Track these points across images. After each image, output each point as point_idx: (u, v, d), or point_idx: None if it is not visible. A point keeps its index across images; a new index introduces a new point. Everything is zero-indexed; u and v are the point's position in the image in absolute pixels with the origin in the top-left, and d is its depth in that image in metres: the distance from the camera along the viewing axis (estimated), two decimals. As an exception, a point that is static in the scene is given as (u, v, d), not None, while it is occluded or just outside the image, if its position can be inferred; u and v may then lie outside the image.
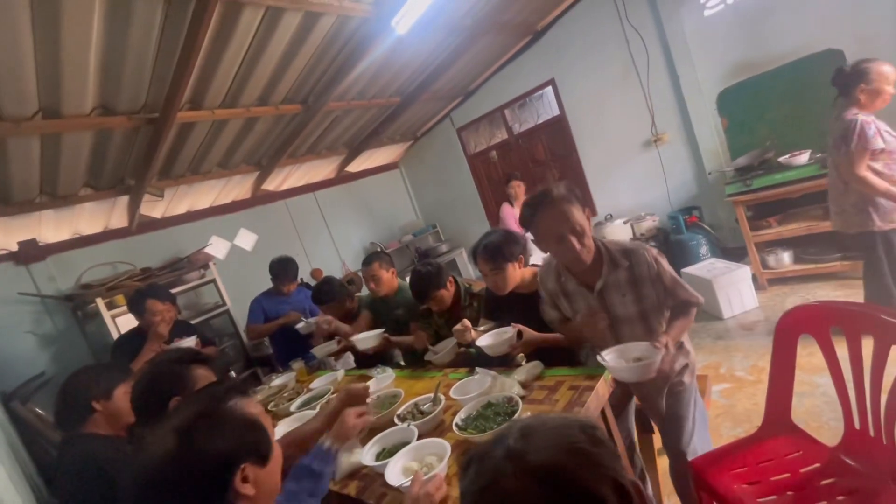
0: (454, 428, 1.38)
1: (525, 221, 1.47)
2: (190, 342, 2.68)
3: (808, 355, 1.86)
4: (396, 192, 6.53)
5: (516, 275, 1.91)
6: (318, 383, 2.34)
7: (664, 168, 4.32)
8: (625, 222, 4.40)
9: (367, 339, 2.41)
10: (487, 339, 1.88)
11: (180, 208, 4.33)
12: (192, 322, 3.69)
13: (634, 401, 1.85)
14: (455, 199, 6.11)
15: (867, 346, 1.23)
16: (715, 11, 3.76)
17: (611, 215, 4.57)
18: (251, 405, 0.90)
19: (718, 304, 3.33)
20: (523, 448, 0.55)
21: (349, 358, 3.10)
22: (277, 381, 2.64)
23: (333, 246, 5.53)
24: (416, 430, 1.44)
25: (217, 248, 4.49)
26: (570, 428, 0.58)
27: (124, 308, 3.31)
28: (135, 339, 2.49)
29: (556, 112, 4.88)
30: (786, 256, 3.48)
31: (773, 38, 3.53)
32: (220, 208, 4.66)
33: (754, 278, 3.48)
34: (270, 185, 5.00)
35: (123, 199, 3.69)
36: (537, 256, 2.29)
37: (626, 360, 1.36)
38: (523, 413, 1.34)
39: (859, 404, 1.25)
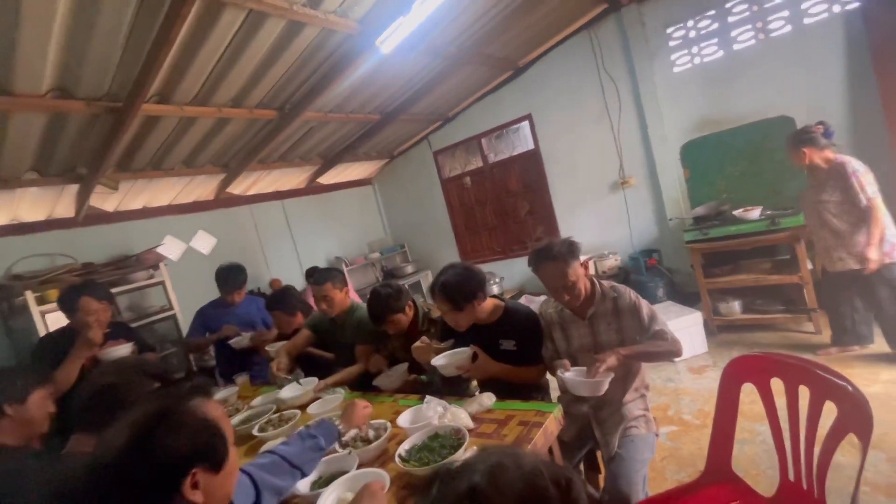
0: (397, 458, 1.32)
1: (530, 266, 1.78)
2: (125, 349, 2.49)
3: (751, 403, 1.91)
4: (367, 208, 6.47)
5: (475, 312, 1.89)
6: (260, 401, 2.22)
7: (629, 210, 4.48)
8: (588, 259, 4.50)
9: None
10: (442, 359, 1.85)
11: (135, 203, 4.12)
12: (134, 325, 3.47)
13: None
14: (426, 221, 6.11)
15: (805, 397, 1.27)
16: (684, 69, 4.00)
17: (575, 251, 4.66)
18: (212, 407, 0.86)
19: (681, 350, 3.41)
20: (488, 490, 0.53)
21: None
22: (218, 395, 2.48)
23: (297, 258, 5.38)
24: (356, 459, 1.37)
25: (171, 248, 4.28)
26: (541, 479, 0.54)
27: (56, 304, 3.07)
28: (61, 340, 2.28)
29: (531, 146, 5.01)
30: (736, 305, 3.63)
31: (735, 100, 3.78)
32: (179, 207, 4.46)
33: (706, 324, 3.60)
34: (236, 188, 4.85)
35: (73, 189, 3.48)
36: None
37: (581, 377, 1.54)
38: (469, 448, 1.29)
39: (794, 456, 1.28)
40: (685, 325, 3.43)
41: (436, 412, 1.50)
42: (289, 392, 2.14)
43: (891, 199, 3.11)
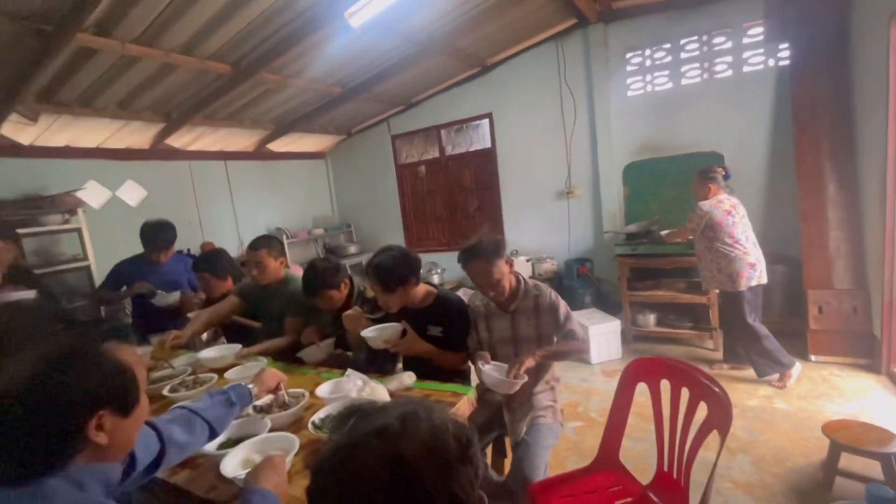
0: (310, 426, 1.34)
1: (460, 262, 1.86)
2: (25, 296, 2.31)
3: (649, 404, 2.12)
4: (317, 183, 6.30)
5: (406, 296, 1.94)
6: (182, 361, 2.13)
7: (570, 219, 4.72)
8: (527, 260, 4.69)
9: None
10: (372, 332, 1.89)
11: (57, 140, 3.75)
12: (40, 272, 3.20)
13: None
14: (376, 203, 6.06)
15: (686, 398, 1.44)
16: (636, 94, 4.26)
17: (517, 251, 4.85)
18: (128, 353, 0.83)
19: (589, 349, 3.66)
20: (396, 433, 0.56)
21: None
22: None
23: (235, 222, 5.15)
24: (268, 423, 1.38)
25: (93, 194, 3.94)
26: (445, 433, 0.58)
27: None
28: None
29: (488, 144, 5.11)
30: (651, 318, 3.94)
31: (676, 130, 4.09)
32: (108, 152, 4.11)
33: (624, 332, 3.90)
34: (176, 141, 4.55)
35: (-18, 112, 3.11)
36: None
37: (499, 374, 1.66)
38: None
39: (670, 449, 1.45)
40: (605, 331, 3.69)
41: (355, 385, 1.53)
42: (208, 353, 2.08)
43: (784, 240, 3.56)
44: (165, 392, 1.74)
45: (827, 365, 3.18)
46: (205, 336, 2.97)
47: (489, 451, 2.02)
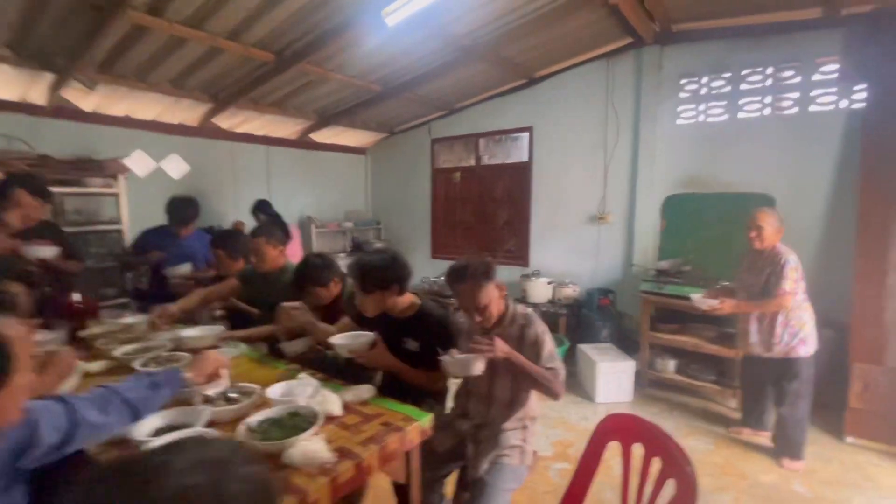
0: (242, 427, 1.29)
1: (447, 282, 1.77)
2: (50, 251, 2.44)
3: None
4: (354, 177, 6.39)
5: (384, 302, 1.87)
6: (166, 336, 2.17)
7: (599, 245, 4.48)
8: (549, 283, 4.49)
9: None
10: (342, 339, 1.84)
11: (114, 110, 4.00)
12: (78, 230, 3.42)
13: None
14: (407, 204, 6.06)
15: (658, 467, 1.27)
16: (687, 123, 3.98)
17: (538, 271, 4.66)
18: (9, 327, 0.82)
19: (595, 386, 3.44)
20: (162, 467, 0.49)
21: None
22: (128, 319, 2.43)
23: (268, 206, 5.30)
24: (207, 415, 1.34)
25: (139, 163, 4.17)
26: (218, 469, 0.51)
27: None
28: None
29: (525, 158, 4.97)
30: (671, 364, 3.65)
31: (725, 166, 3.78)
32: (159, 126, 4.34)
33: (638, 374, 3.63)
34: (224, 122, 4.74)
35: (48, 77, 3.36)
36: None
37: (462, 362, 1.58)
38: (315, 434, 1.27)
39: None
40: (618, 370, 3.46)
41: (304, 391, 1.48)
42: (190, 332, 2.10)
43: (834, 303, 3.16)
44: (136, 365, 1.76)
45: (864, 450, 2.80)
46: (218, 313, 3.05)
47: (452, 482, 1.91)
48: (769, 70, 3.59)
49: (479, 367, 1.57)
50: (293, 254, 3.70)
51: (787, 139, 3.52)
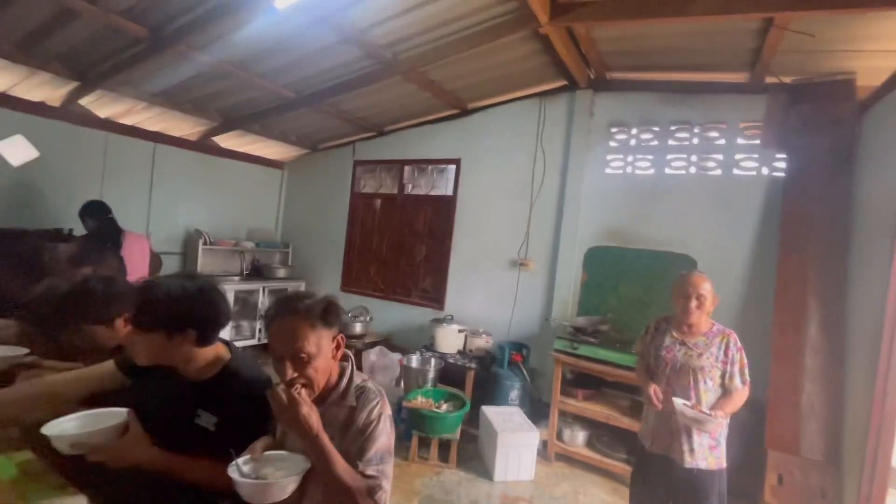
0: None
1: (265, 319, 1.23)
2: None
3: None
4: (267, 193, 5.71)
5: (170, 351, 1.28)
6: None
7: (518, 294, 4.10)
8: (460, 331, 4.02)
9: None
10: (72, 422, 1.19)
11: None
12: None
13: None
14: (322, 228, 5.44)
15: None
16: (614, 172, 3.78)
17: (451, 317, 4.18)
18: None
19: (495, 462, 2.92)
20: None
21: None
22: None
23: (147, 213, 4.48)
24: None
25: (-39, 140, 3.30)
26: None
27: None
28: None
29: (450, 192, 4.58)
30: (581, 436, 3.23)
31: (649, 222, 3.57)
32: (11, 101, 3.53)
33: (544, 445, 3.18)
34: (102, 110, 3.99)
35: None
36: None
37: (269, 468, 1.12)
38: None
39: None
40: (518, 444, 2.98)
41: None
42: None
43: (757, 378, 2.88)
44: None
45: (779, 555, 2.45)
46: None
47: None
48: (696, 129, 3.48)
49: (287, 490, 1.04)
50: (133, 269, 2.95)
51: (712, 200, 3.38)
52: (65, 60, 3.34)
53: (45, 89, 3.63)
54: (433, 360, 3.73)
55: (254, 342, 4.96)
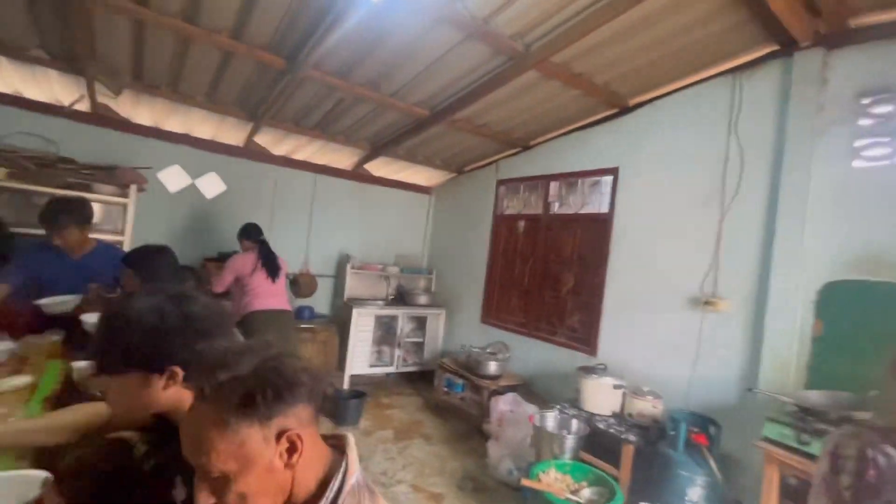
0: None
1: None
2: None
3: None
4: (415, 218, 5.72)
5: (150, 396, 0.96)
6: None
7: (701, 345, 2.94)
8: (616, 386, 3.06)
9: None
10: None
11: (169, 125, 4.01)
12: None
13: None
14: (465, 254, 5.12)
15: None
16: (871, 166, 2.41)
17: (605, 366, 3.25)
18: None
19: None
20: None
21: None
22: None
23: (306, 237, 4.86)
24: None
25: (173, 177, 4.05)
26: None
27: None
28: None
29: (605, 209, 3.71)
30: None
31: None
32: (201, 142, 4.25)
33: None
34: (274, 148, 4.54)
35: (82, 80, 3.34)
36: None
37: None
38: None
39: None
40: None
41: None
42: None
43: None
44: None
45: None
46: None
47: None
48: None
49: None
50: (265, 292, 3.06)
51: None
52: (239, 104, 3.81)
53: (229, 132, 4.24)
54: (575, 423, 2.89)
55: (392, 370, 4.84)
